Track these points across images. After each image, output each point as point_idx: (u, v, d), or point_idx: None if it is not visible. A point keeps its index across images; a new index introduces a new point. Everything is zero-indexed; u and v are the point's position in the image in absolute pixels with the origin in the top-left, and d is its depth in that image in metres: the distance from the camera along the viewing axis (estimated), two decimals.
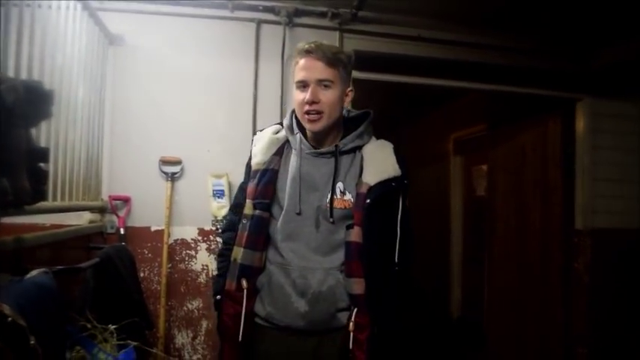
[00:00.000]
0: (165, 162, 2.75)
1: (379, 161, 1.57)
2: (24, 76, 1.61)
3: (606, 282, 3.45)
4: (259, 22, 2.88)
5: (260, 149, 1.64)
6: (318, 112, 1.51)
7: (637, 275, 3.50)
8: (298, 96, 1.53)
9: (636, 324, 3.49)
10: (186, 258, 2.79)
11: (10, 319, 1.13)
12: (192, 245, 2.80)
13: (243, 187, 1.69)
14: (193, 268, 2.79)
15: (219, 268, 1.68)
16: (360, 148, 1.60)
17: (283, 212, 1.56)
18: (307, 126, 1.55)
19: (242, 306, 1.54)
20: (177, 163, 2.77)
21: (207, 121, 2.83)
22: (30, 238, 1.67)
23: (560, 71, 3.37)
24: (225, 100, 2.86)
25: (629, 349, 3.47)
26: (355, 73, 2.99)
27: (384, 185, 1.52)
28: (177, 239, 2.78)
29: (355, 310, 1.49)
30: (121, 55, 2.74)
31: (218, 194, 2.75)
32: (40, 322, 1.26)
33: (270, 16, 2.88)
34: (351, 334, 1.48)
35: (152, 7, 2.76)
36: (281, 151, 1.64)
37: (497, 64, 3.24)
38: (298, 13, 2.88)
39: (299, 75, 1.52)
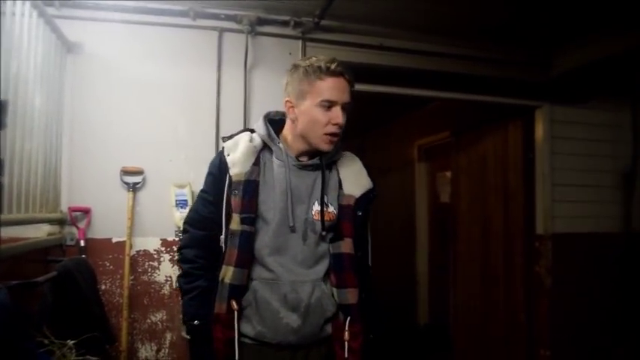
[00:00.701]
0: (126, 172, 2.71)
1: (355, 174, 1.63)
2: None
3: (567, 285, 3.55)
4: (221, 31, 2.87)
5: (238, 159, 1.55)
6: (338, 134, 1.52)
7: (596, 278, 3.61)
8: (322, 115, 1.49)
9: (596, 325, 3.59)
10: (149, 269, 2.74)
11: None
12: (155, 256, 2.75)
13: (209, 200, 1.59)
14: (156, 279, 2.74)
15: (189, 290, 1.56)
16: (336, 162, 1.63)
17: (273, 226, 1.50)
18: (324, 147, 1.52)
19: (234, 329, 1.48)
20: (139, 173, 2.72)
21: (169, 131, 2.80)
22: None
23: (520, 79, 3.46)
24: (187, 109, 2.83)
25: (590, 350, 3.57)
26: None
27: (366, 196, 1.59)
28: (140, 250, 2.73)
29: (348, 319, 1.51)
30: (80, 64, 2.68)
31: (181, 204, 2.71)
32: None
33: (233, 25, 2.87)
34: (346, 343, 1.49)
35: (111, 15, 2.72)
36: (258, 160, 1.57)
37: (459, 72, 3.30)
38: (261, 21, 2.88)
39: (328, 94, 1.47)
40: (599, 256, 3.64)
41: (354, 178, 1.61)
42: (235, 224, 1.50)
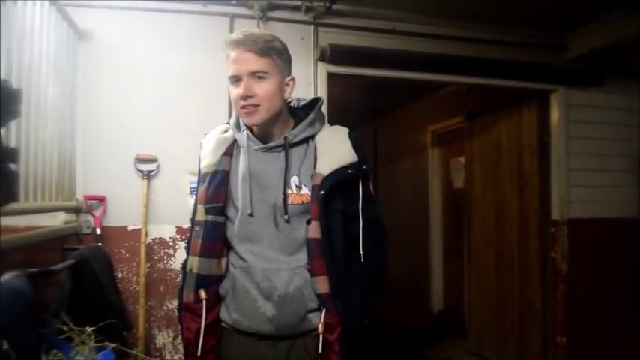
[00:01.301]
0: (140, 160, 2.71)
1: (333, 149, 1.47)
2: None
3: (583, 271, 3.52)
4: (232, 17, 2.85)
5: (208, 151, 1.55)
6: (254, 105, 1.41)
7: (613, 263, 3.57)
8: (232, 91, 1.42)
9: (613, 311, 3.56)
10: (165, 257, 2.76)
11: None
12: (171, 244, 2.76)
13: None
14: (172, 267, 2.76)
15: (182, 280, 1.57)
16: (312, 137, 1.50)
17: (239, 215, 1.47)
18: (245, 120, 1.46)
19: (201, 318, 1.46)
20: (153, 161, 2.73)
21: (182, 118, 2.80)
22: (2, 241, 1.63)
23: (535, 63, 3.41)
24: (199, 96, 2.83)
25: (606, 337, 3.54)
26: (331, 68, 3.01)
27: (339, 174, 1.42)
28: (155, 238, 2.75)
29: (324, 310, 1.41)
30: (92, 51, 2.68)
31: (195, 192, 2.70)
32: (13, 326, 1.23)
33: (244, 11, 2.86)
34: (321, 336, 1.39)
35: (122, 2, 2.71)
36: (230, 151, 1.54)
37: (473, 56, 3.26)
38: (272, 6, 2.87)
39: (231, 69, 1.41)
40: (615, 242, 3.60)
41: (329, 155, 1.45)
42: (200, 215, 1.50)
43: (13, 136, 1.74)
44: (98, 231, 2.61)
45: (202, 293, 1.47)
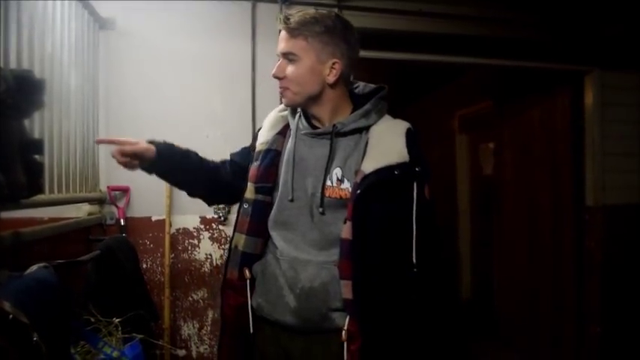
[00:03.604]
0: None
1: (384, 145, 1.36)
2: (13, 65, 1.54)
3: (619, 259, 3.40)
4: (255, 2, 2.79)
5: (264, 129, 1.53)
6: (284, 88, 1.40)
7: None
8: None
9: None
10: (189, 247, 2.74)
11: (11, 316, 1.09)
12: (195, 234, 2.74)
13: (243, 151, 1.63)
14: (197, 257, 2.74)
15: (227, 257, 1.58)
16: (367, 129, 1.41)
17: (277, 199, 1.43)
18: (284, 102, 1.45)
19: (246, 297, 1.43)
20: None
21: (204, 106, 2.76)
22: (28, 233, 1.62)
23: (568, 43, 3.28)
24: (222, 84, 2.78)
25: None
26: None
27: (381, 173, 1.31)
28: (179, 228, 2.73)
29: (348, 317, 1.32)
30: (113, 40, 2.65)
31: None
32: (42, 318, 1.22)
33: None
34: (345, 344, 1.30)
35: None
36: (285, 131, 1.50)
37: (503, 37, 3.15)
38: None
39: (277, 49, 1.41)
40: None
41: (377, 151, 1.35)
42: (250, 193, 1.47)
43: (36, 126, 1.72)
44: (122, 222, 2.60)
45: (247, 272, 1.44)
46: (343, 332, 1.31)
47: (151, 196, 2.67)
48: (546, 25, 3.20)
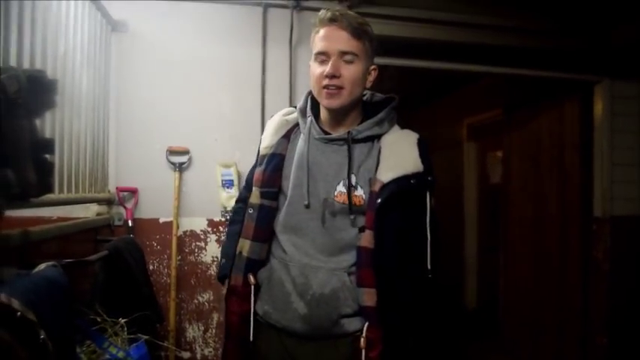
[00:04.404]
0: (172, 152, 2.70)
1: (398, 154, 1.38)
2: (26, 65, 1.55)
3: (626, 270, 3.38)
4: (266, 6, 2.80)
5: (269, 133, 1.52)
6: (339, 88, 1.35)
7: None
8: (316, 69, 1.37)
9: None
10: (196, 250, 2.74)
11: (19, 313, 1.10)
12: (202, 237, 2.75)
13: (248, 179, 1.61)
14: (203, 260, 2.74)
15: (227, 234, 1.60)
16: (378, 137, 1.42)
17: (287, 203, 1.43)
18: (324, 102, 1.39)
19: (250, 303, 1.43)
20: (185, 152, 2.71)
21: (214, 110, 2.77)
22: (37, 232, 1.63)
23: (577, 52, 3.26)
24: (232, 87, 2.79)
25: None
26: None
27: (400, 183, 1.33)
28: (187, 231, 2.73)
29: (367, 324, 1.33)
30: (125, 42, 2.67)
31: (227, 184, 2.69)
32: (50, 316, 1.22)
33: (277, 0, 2.80)
34: (363, 352, 1.31)
35: None
36: (289, 134, 1.51)
37: (512, 46, 3.14)
38: None
39: (319, 45, 1.36)
40: None
41: (393, 160, 1.36)
42: (255, 198, 1.47)
43: (47, 126, 1.73)
44: (130, 223, 2.61)
45: (252, 278, 1.44)
46: (362, 339, 1.31)
47: (158, 197, 2.68)
48: (556, 35, 3.18)
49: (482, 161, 5.28)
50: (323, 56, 1.36)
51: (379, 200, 1.32)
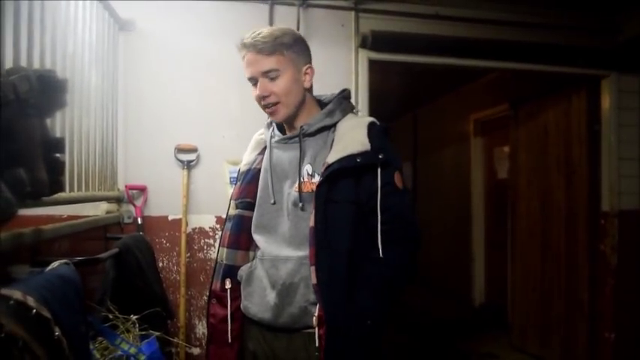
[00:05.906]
0: (180, 150, 2.72)
1: (347, 138, 1.42)
2: (36, 65, 1.57)
3: (634, 265, 3.37)
4: (272, 4, 2.81)
5: (247, 152, 1.66)
6: (274, 104, 1.45)
7: None
8: (253, 92, 1.47)
9: None
10: (205, 247, 2.76)
11: (34, 310, 1.11)
12: (211, 234, 2.77)
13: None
14: (212, 256, 2.76)
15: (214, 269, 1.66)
16: (333, 127, 1.48)
17: (257, 205, 1.53)
18: (271, 118, 1.52)
19: (227, 307, 1.52)
20: (193, 150, 2.73)
21: (221, 107, 2.79)
22: (49, 230, 1.64)
23: (584, 47, 3.25)
24: (239, 85, 2.78)
25: None
26: (372, 55, 2.94)
27: (342, 162, 1.36)
28: (195, 228, 2.75)
29: (317, 304, 1.37)
30: (132, 41, 2.69)
31: (235, 181, 2.69)
32: (64, 313, 1.23)
33: None
34: (316, 329, 1.35)
35: None
36: (265, 150, 1.60)
37: (519, 41, 3.13)
38: None
39: (246, 72, 1.46)
40: None
41: (342, 144, 1.41)
42: (231, 210, 1.59)
43: (58, 125, 1.75)
44: (139, 220, 2.63)
45: (227, 282, 1.53)
46: (314, 318, 1.36)
47: (167, 195, 2.70)
48: (563, 28, 3.18)
49: (489, 156, 5.27)
50: (252, 81, 1.46)
51: (320, 179, 1.38)
